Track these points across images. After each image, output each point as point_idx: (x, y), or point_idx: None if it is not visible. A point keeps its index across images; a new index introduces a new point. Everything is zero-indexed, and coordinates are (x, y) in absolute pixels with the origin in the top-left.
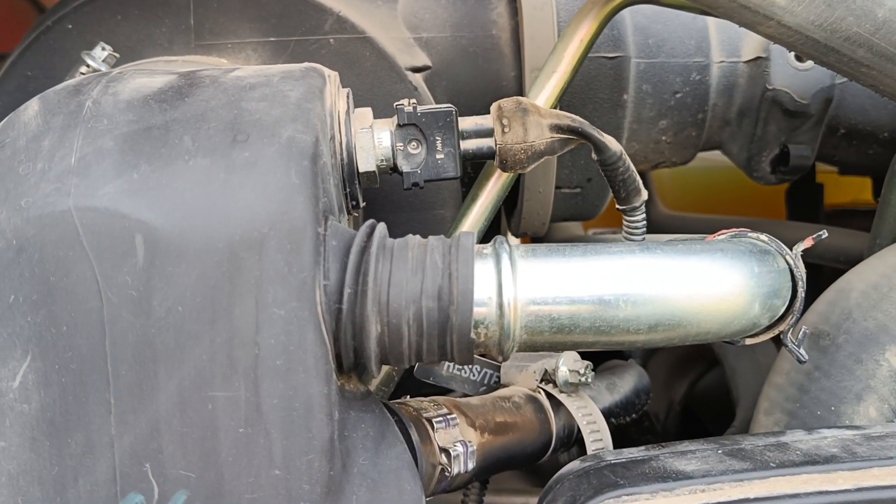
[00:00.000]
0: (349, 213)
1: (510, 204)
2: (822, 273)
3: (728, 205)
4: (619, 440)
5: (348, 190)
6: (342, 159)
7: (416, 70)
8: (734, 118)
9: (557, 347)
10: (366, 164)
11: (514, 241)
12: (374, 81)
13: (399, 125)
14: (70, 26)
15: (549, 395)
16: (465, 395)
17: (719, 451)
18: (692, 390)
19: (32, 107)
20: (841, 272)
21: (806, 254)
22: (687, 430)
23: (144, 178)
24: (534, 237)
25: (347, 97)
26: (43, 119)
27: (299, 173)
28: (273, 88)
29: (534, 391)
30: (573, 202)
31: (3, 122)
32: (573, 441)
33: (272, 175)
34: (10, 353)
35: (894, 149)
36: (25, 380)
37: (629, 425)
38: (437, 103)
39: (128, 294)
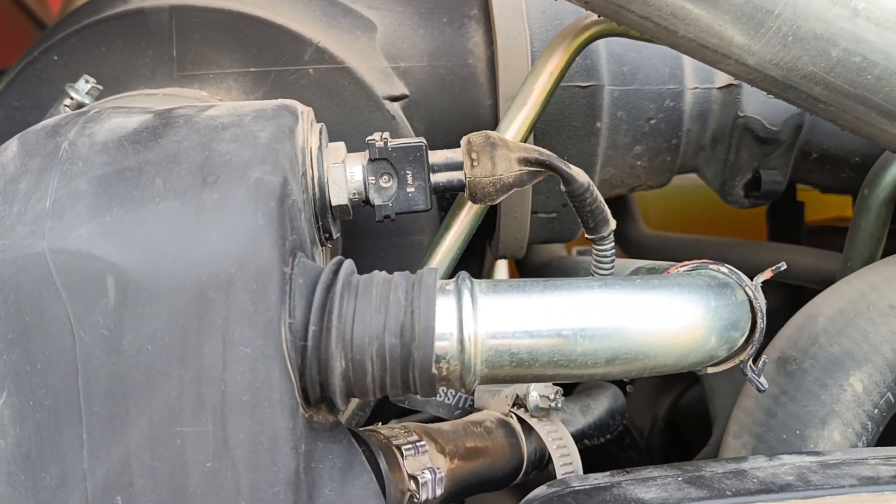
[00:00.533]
0: (322, 244)
1: (490, 226)
2: (803, 293)
3: (710, 222)
4: (601, 457)
5: (321, 223)
6: (314, 194)
7: (394, 99)
8: (708, 143)
9: (518, 380)
10: (338, 197)
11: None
12: (352, 110)
13: (371, 159)
14: (56, 57)
15: (520, 420)
16: (440, 419)
17: (679, 479)
18: (676, 406)
19: (11, 148)
20: (819, 293)
21: (783, 275)
22: (671, 446)
23: (117, 220)
24: (513, 258)
25: (321, 132)
26: (21, 161)
27: (266, 215)
28: (244, 129)
29: (506, 415)
30: (550, 226)
31: None
32: (545, 464)
33: (240, 217)
34: None
35: (866, 173)
36: (1, 415)
37: (611, 442)
38: (414, 131)
39: (100, 333)
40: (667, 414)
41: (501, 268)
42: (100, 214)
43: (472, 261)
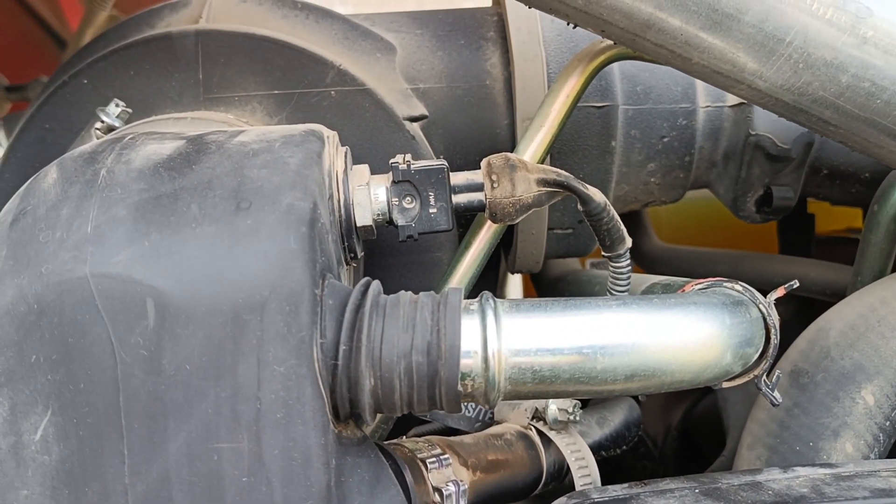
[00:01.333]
0: (348, 264)
1: (507, 243)
2: (814, 305)
3: (722, 234)
4: (616, 466)
5: (346, 243)
6: (340, 216)
7: (414, 119)
8: (720, 160)
9: (540, 396)
10: (363, 218)
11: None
12: (373, 131)
13: (394, 181)
14: (85, 81)
15: (539, 432)
16: (461, 431)
17: (696, 491)
18: (689, 415)
19: (51, 174)
20: (830, 305)
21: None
22: (684, 455)
23: (155, 245)
24: (529, 273)
25: (346, 155)
26: (61, 188)
27: (297, 239)
28: (274, 155)
29: (525, 428)
30: (566, 242)
31: (24, 188)
32: (563, 475)
33: (272, 242)
34: (32, 408)
35: (875, 188)
36: (46, 433)
37: (626, 451)
38: (434, 151)
39: (140, 354)
40: (680, 423)
41: (514, 280)
42: (138, 240)
43: (489, 273)
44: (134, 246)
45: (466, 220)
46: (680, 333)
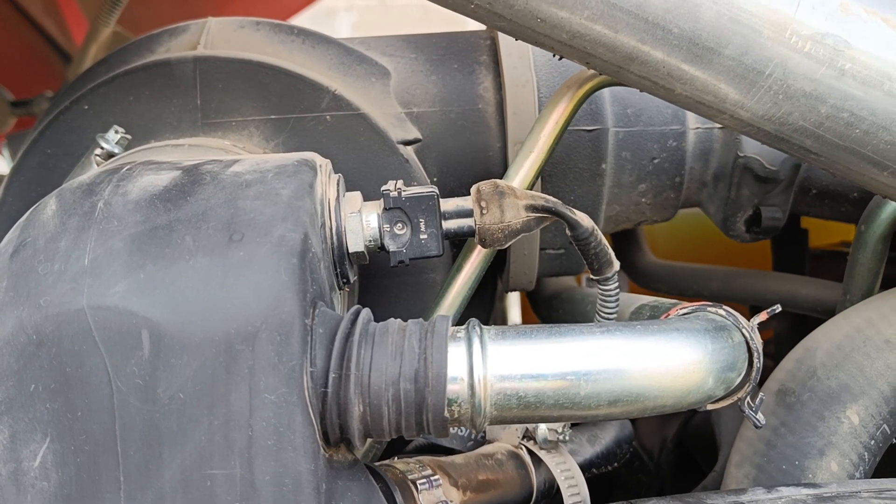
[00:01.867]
0: (341, 288)
1: (501, 261)
2: (808, 321)
3: (717, 250)
4: (611, 481)
5: (339, 269)
6: (332, 243)
7: (408, 143)
8: (710, 181)
9: (526, 421)
10: (355, 245)
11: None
12: (368, 155)
13: (385, 208)
14: (86, 107)
15: (530, 452)
16: (453, 451)
17: None
18: (685, 428)
19: (51, 206)
20: (824, 321)
21: (786, 304)
22: (680, 468)
23: (150, 277)
24: (523, 291)
25: (338, 183)
26: (60, 219)
27: (288, 270)
28: (267, 186)
29: (516, 447)
30: (558, 262)
31: (25, 218)
32: (553, 494)
33: (264, 273)
34: (32, 435)
35: (864, 206)
36: (45, 460)
37: (620, 466)
38: (427, 173)
39: (135, 383)
40: (676, 436)
41: (514, 297)
42: (134, 272)
43: (485, 291)
44: (130, 278)
45: (460, 241)
46: (662, 359)
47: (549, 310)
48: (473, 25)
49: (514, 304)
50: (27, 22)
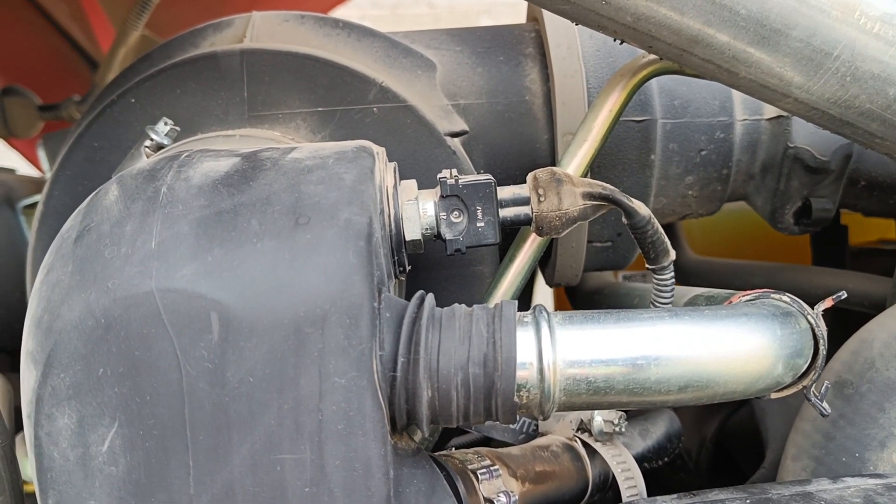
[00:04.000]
0: (397, 277)
1: (545, 255)
2: (848, 317)
3: (754, 246)
4: (653, 477)
5: (396, 257)
6: (390, 230)
7: (455, 135)
8: (758, 173)
9: (594, 407)
10: (412, 233)
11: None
12: (415, 147)
13: (442, 196)
14: (133, 100)
15: (584, 444)
16: (506, 443)
17: (747, 501)
18: (724, 427)
19: (112, 191)
20: (866, 316)
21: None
22: (719, 468)
23: (218, 260)
24: (568, 286)
25: (394, 171)
26: (124, 205)
27: (356, 253)
28: (329, 171)
29: (570, 440)
30: (604, 255)
31: (85, 204)
32: (609, 486)
33: (332, 256)
34: (100, 420)
35: None
36: (113, 445)
37: (662, 464)
38: (474, 166)
39: (204, 367)
40: (715, 435)
41: (547, 295)
42: (202, 255)
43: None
44: (197, 261)
45: (506, 233)
46: (732, 344)
47: (590, 305)
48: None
49: (546, 302)
50: (53, 27)
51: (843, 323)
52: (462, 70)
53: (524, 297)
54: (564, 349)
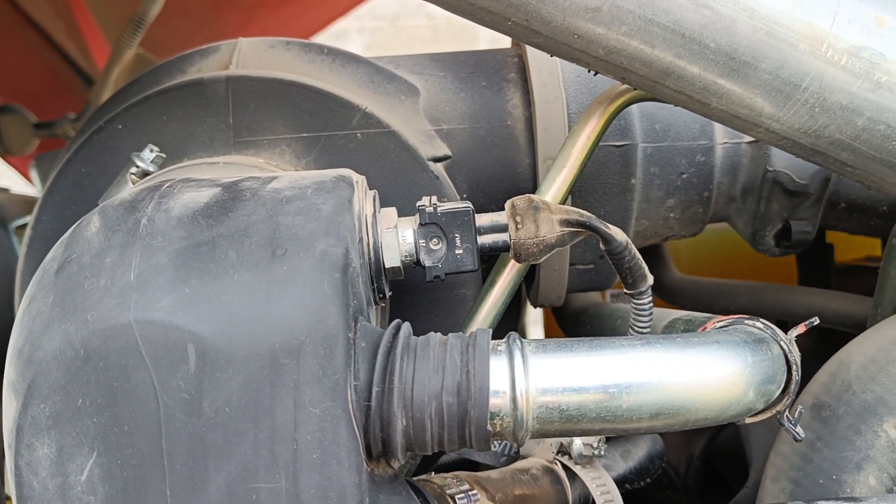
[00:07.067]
0: (377, 304)
1: (529, 276)
2: (833, 336)
3: (741, 265)
4: (640, 498)
5: (375, 284)
6: (370, 258)
7: (438, 160)
8: (738, 196)
9: (567, 434)
10: (391, 260)
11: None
12: (398, 172)
13: (421, 224)
14: (120, 126)
15: (564, 467)
16: (487, 466)
17: None
18: (712, 444)
19: (94, 223)
20: (852, 336)
21: None
22: (707, 485)
23: (195, 291)
24: (551, 307)
25: (374, 199)
26: (104, 236)
27: (332, 284)
28: (307, 202)
29: (550, 463)
30: (587, 277)
31: (68, 235)
32: None
33: (308, 287)
34: (79, 450)
35: (894, 220)
36: (91, 474)
37: (649, 483)
38: (457, 190)
39: (181, 397)
40: (703, 453)
41: (535, 316)
42: (179, 287)
43: (510, 307)
44: (175, 293)
45: (490, 256)
46: (703, 371)
47: (575, 325)
48: (485, 44)
49: (535, 321)
50: (49, 45)
51: (829, 342)
52: (445, 95)
53: (512, 317)
54: (537, 377)
